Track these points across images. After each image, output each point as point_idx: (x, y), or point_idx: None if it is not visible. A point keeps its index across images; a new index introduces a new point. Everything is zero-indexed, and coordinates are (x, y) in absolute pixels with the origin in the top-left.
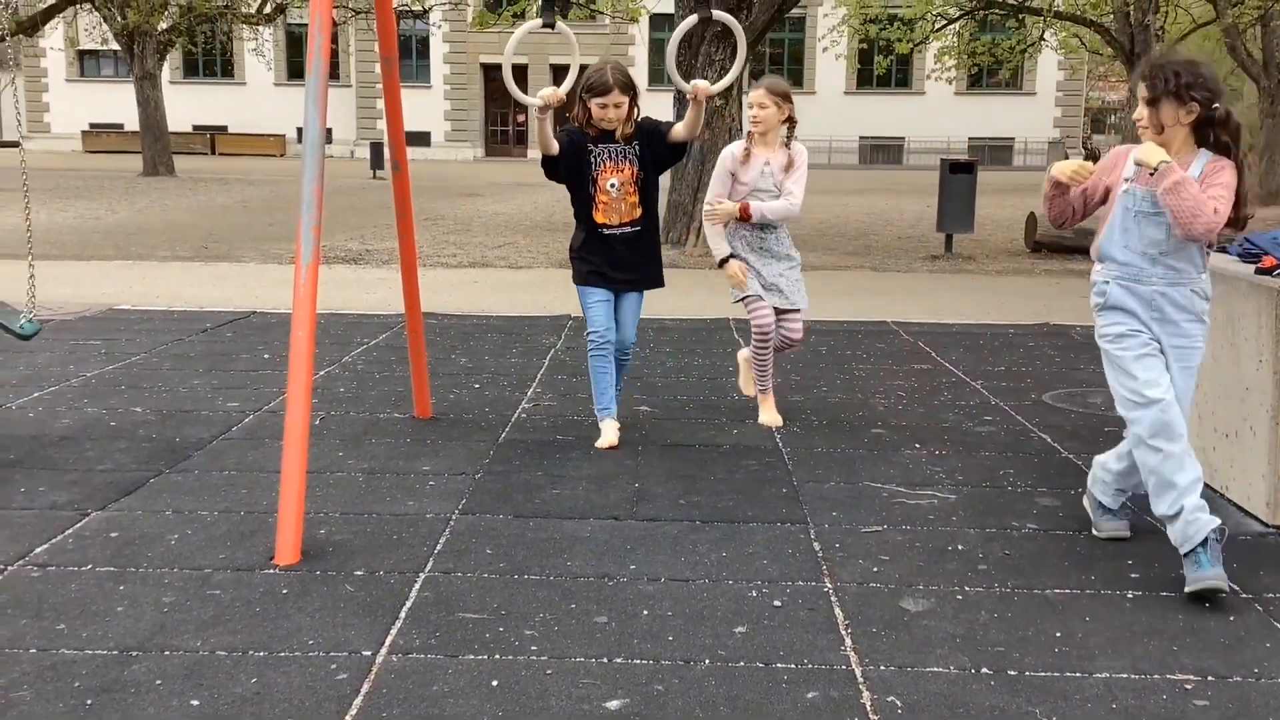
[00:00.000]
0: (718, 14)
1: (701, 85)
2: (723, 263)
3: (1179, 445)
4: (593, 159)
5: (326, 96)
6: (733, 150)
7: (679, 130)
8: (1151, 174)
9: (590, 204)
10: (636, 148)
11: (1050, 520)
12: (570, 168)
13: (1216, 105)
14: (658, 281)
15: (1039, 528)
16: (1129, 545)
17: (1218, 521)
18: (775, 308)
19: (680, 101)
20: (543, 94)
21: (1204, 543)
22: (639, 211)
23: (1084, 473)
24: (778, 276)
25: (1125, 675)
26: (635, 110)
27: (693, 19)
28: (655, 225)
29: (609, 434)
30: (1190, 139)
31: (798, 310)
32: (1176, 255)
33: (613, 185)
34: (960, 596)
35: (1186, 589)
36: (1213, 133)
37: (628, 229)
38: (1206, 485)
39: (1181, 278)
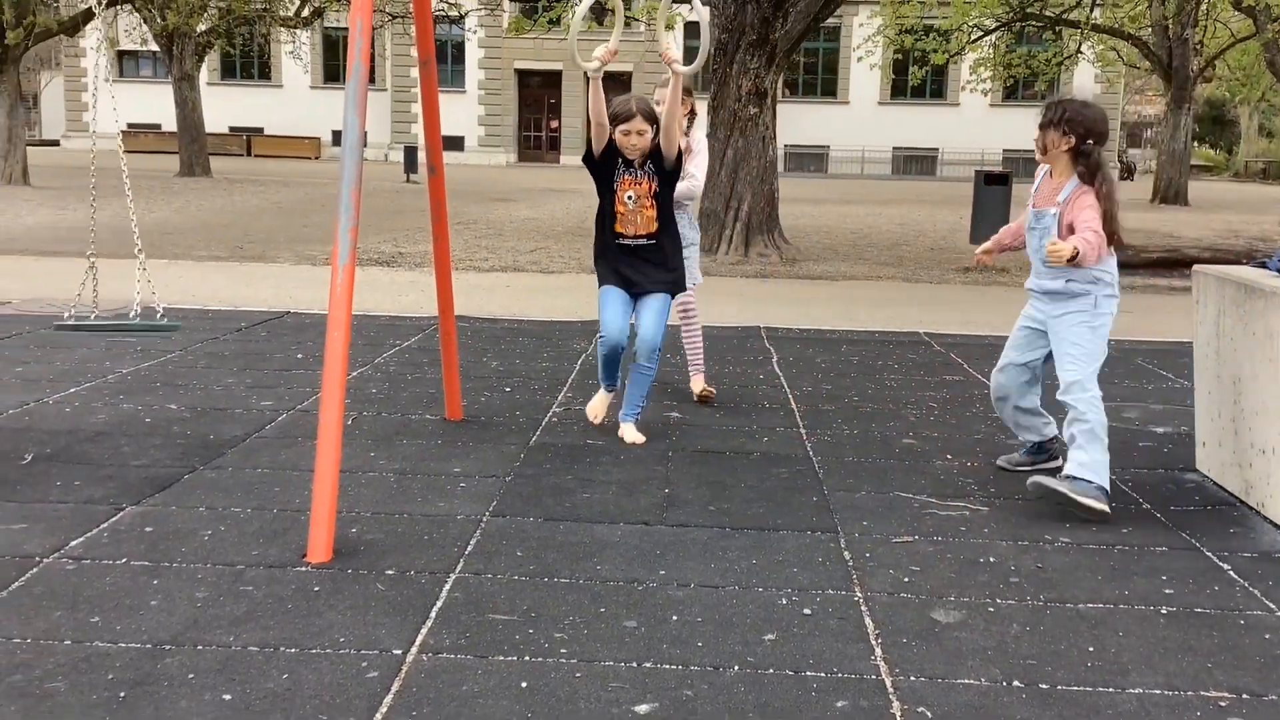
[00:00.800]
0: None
1: (671, 51)
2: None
3: None
4: (616, 171)
5: (366, 101)
6: None
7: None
8: (1070, 261)
9: (611, 214)
10: (650, 165)
11: (1083, 534)
12: (601, 165)
13: (1088, 142)
14: (670, 286)
15: (1071, 541)
16: (1162, 561)
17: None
18: None
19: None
20: (595, 53)
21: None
22: (655, 225)
23: (1120, 488)
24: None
25: (1159, 691)
26: (654, 134)
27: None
28: (671, 236)
29: (597, 402)
30: (1070, 164)
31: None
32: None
33: (630, 198)
34: (992, 609)
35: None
36: (1080, 163)
37: (643, 240)
38: (1241, 501)
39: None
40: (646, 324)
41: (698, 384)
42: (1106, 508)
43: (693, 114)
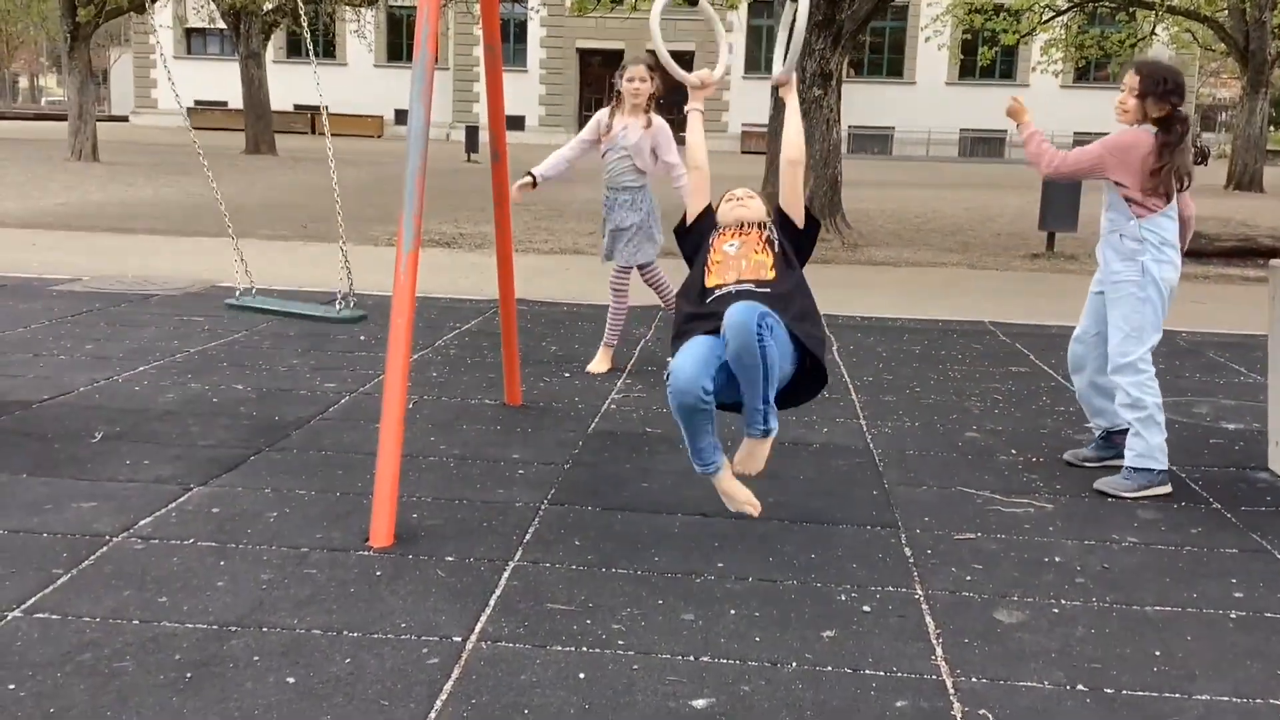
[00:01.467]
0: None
1: (703, 73)
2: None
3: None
4: (714, 230)
5: (432, 90)
6: (600, 117)
7: (786, 195)
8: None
9: (700, 277)
10: (771, 226)
11: (1151, 534)
12: (697, 229)
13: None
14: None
15: (1139, 541)
16: (1232, 564)
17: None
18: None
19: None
20: (696, 74)
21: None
22: (771, 274)
23: (1189, 486)
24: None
25: (1226, 698)
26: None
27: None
28: (800, 297)
29: (729, 485)
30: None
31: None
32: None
33: (731, 246)
34: (1056, 610)
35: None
36: (1175, 125)
37: (749, 285)
38: None
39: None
40: (736, 310)
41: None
42: (1169, 488)
43: (654, 97)
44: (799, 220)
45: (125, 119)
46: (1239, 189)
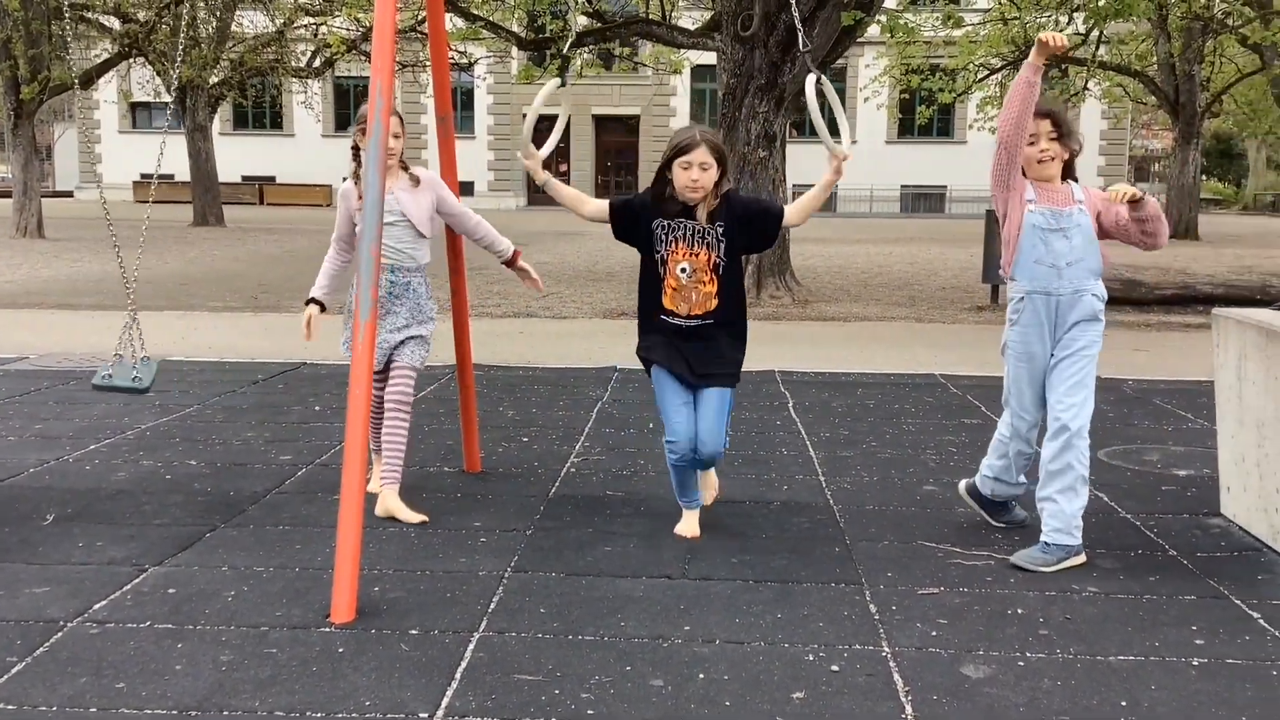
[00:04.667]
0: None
1: (840, 150)
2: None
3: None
4: (663, 234)
5: (386, 161)
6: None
7: (794, 214)
8: (1132, 201)
9: (657, 284)
10: (721, 229)
11: (1111, 583)
12: (634, 234)
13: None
14: (732, 379)
15: (1099, 591)
16: (1192, 611)
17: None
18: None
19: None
20: (528, 157)
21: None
22: (715, 303)
23: (1144, 534)
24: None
25: None
26: (724, 183)
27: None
28: (736, 315)
29: (690, 523)
30: (1060, 170)
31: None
32: (1083, 264)
33: (684, 270)
34: (1022, 663)
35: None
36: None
37: (696, 322)
38: (1267, 547)
39: (1086, 284)
40: (706, 426)
41: (402, 511)
42: (1083, 557)
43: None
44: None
45: (70, 194)
46: (1175, 238)
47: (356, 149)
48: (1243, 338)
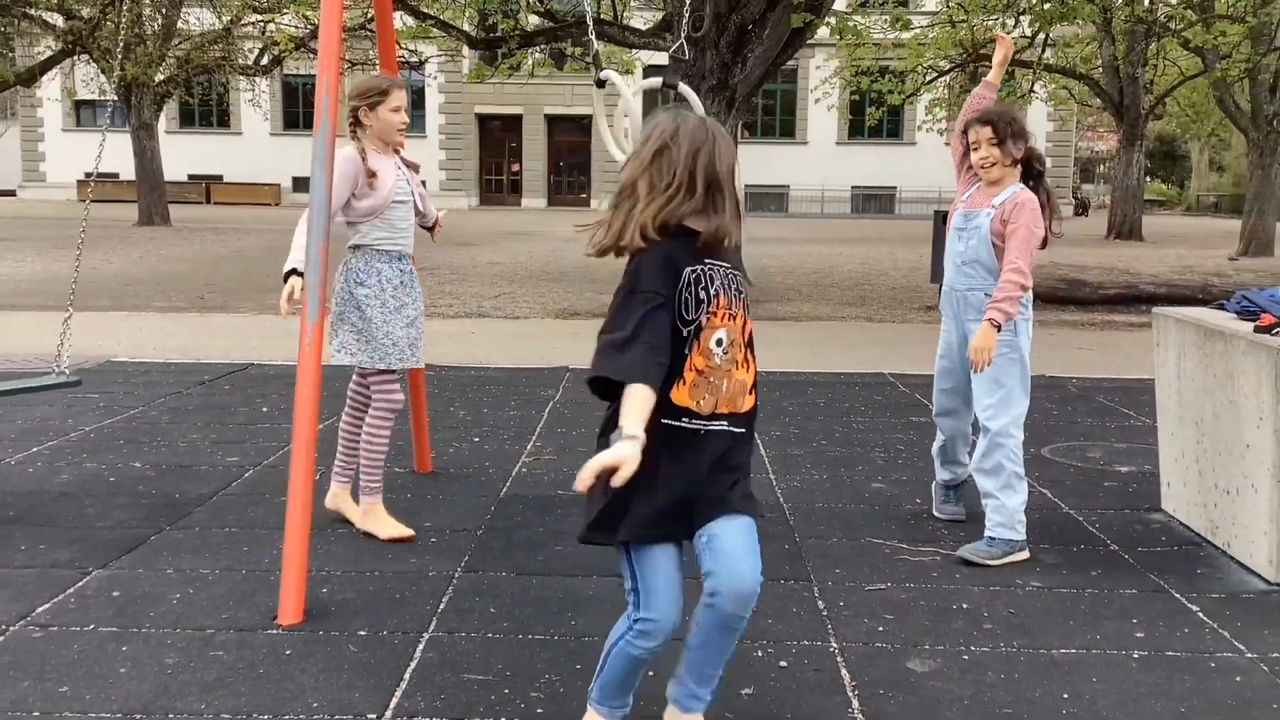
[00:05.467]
0: (683, 87)
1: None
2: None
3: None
4: (695, 285)
5: (334, 158)
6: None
7: None
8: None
9: (671, 372)
10: (740, 273)
11: (1053, 577)
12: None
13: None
14: (755, 505)
15: (1042, 585)
16: (1132, 604)
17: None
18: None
19: None
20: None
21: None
22: (749, 401)
23: (1086, 529)
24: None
25: None
26: None
27: (655, 81)
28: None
29: None
30: (1013, 173)
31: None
32: (978, 264)
33: (719, 343)
34: (966, 656)
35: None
36: (1034, 164)
37: (723, 424)
38: (1207, 541)
39: (979, 283)
40: (741, 559)
41: (354, 512)
42: (1026, 553)
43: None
44: None
45: (13, 194)
46: (1119, 238)
47: (357, 120)
48: (1181, 336)
